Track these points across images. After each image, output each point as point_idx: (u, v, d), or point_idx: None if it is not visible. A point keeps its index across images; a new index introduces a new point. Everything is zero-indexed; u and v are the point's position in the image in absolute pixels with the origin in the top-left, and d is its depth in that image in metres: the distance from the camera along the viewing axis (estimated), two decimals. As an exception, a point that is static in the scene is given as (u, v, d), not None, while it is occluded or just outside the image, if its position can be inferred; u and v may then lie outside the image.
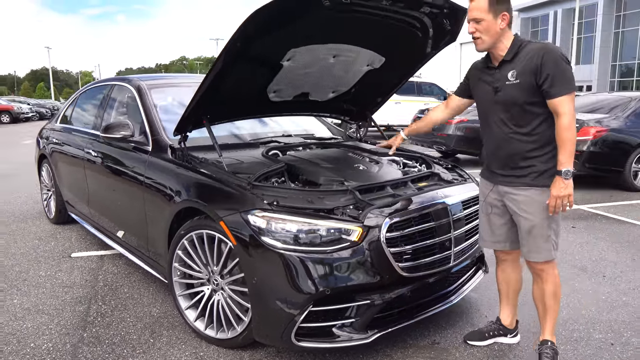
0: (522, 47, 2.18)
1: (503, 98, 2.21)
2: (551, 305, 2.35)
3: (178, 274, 2.65)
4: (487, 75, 2.31)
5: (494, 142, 2.32)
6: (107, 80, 4.27)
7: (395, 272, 2.22)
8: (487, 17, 2.15)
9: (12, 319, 2.85)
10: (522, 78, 2.14)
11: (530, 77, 2.12)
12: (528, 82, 2.13)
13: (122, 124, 3.20)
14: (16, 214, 5.36)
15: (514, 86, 2.17)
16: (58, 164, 4.51)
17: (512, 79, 2.17)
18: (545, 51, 2.10)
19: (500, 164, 2.31)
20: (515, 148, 2.23)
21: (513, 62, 2.18)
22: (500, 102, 2.23)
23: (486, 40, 2.19)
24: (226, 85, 2.61)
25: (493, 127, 2.30)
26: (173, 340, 2.60)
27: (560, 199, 2.10)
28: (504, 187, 2.32)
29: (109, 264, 3.78)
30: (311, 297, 2.09)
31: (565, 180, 2.08)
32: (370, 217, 2.19)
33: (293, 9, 2.23)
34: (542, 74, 2.08)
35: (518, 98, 2.16)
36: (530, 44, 2.18)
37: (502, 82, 2.20)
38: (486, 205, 2.44)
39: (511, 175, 2.28)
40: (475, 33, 2.19)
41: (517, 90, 2.16)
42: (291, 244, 2.14)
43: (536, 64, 2.09)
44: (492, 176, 2.38)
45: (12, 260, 3.85)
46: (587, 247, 4.20)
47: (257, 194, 2.30)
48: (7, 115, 25.59)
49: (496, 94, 2.23)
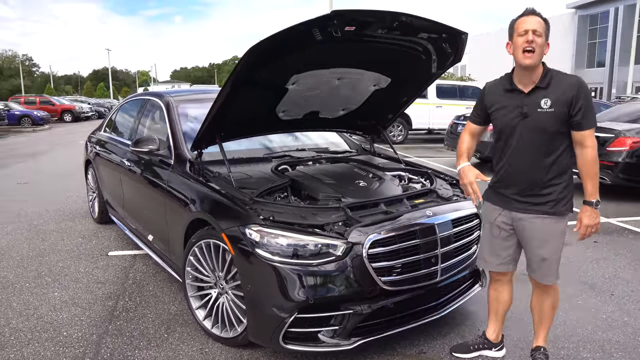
0: (553, 76, 2.23)
1: (532, 124, 2.22)
2: (550, 316, 2.52)
3: (190, 277, 2.95)
4: (512, 99, 2.29)
5: (514, 166, 2.32)
6: (144, 94, 4.68)
7: (377, 286, 2.41)
8: (543, 36, 2.18)
9: (52, 310, 3.26)
10: (557, 107, 2.18)
11: (564, 108, 2.18)
12: (562, 112, 2.18)
13: (150, 138, 3.55)
14: (66, 212, 5.92)
15: (547, 114, 2.20)
16: (100, 169, 4.97)
17: (546, 107, 2.20)
18: (579, 85, 2.18)
19: (518, 189, 2.33)
20: (537, 175, 2.27)
21: (547, 90, 2.21)
22: (529, 128, 2.23)
23: (536, 57, 2.17)
24: (235, 108, 2.87)
25: (516, 152, 2.29)
26: (184, 337, 2.90)
27: (590, 228, 2.26)
28: (517, 213, 2.35)
29: (140, 263, 4.16)
30: (297, 305, 2.32)
31: (595, 209, 2.24)
32: (354, 234, 2.39)
33: (289, 42, 2.45)
34: (576, 106, 2.16)
35: (549, 126, 2.19)
36: (561, 74, 2.24)
37: (533, 108, 2.22)
38: (493, 228, 2.47)
39: (527, 202, 2.32)
40: (532, 44, 2.14)
41: (550, 119, 2.19)
42: (281, 257, 2.37)
43: (571, 96, 2.16)
44: (503, 200, 2.40)
45: (57, 256, 4.32)
46: (603, 264, 4.17)
47: (257, 208, 2.54)
48: (69, 114, 27.44)
49: (524, 119, 2.24)
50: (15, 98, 28.72)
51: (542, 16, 2.20)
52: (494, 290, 2.65)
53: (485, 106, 2.43)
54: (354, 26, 2.49)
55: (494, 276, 2.62)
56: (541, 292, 2.50)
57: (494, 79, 2.46)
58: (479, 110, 2.49)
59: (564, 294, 3.50)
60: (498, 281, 2.62)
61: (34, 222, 5.46)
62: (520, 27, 2.19)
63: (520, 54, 2.17)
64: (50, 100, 28.31)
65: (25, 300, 3.41)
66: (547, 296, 2.49)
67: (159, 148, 3.51)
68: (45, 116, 23.67)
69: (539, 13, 2.20)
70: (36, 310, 3.25)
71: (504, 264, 2.51)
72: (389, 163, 3.81)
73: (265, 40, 2.37)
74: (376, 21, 2.51)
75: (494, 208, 2.45)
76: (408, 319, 2.60)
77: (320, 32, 2.39)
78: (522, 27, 2.18)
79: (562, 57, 32.85)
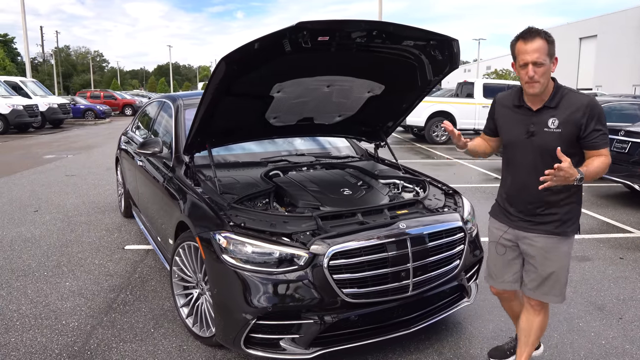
0: (564, 94, 2.14)
1: (538, 143, 2.15)
2: (538, 336, 2.46)
3: (176, 276, 3.08)
4: (519, 115, 2.22)
5: (518, 184, 2.27)
6: (163, 96, 4.89)
7: (339, 297, 2.41)
8: (546, 61, 2.05)
9: (59, 299, 3.51)
10: (564, 128, 2.10)
11: (573, 129, 2.09)
12: (570, 133, 2.09)
13: (154, 141, 3.72)
14: (100, 206, 6.31)
15: (554, 134, 2.11)
16: (124, 165, 5.26)
17: (553, 127, 2.12)
18: (592, 106, 2.08)
19: (522, 207, 2.28)
20: (541, 194, 2.17)
21: (556, 110, 2.12)
22: (535, 147, 2.16)
23: (542, 84, 2.09)
24: (221, 115, 2.95)
25: (520, 169, 2.25)
26: (168, 333, 3.04)
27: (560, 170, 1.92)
28: (521, 232, 2.30)
29: (151, 258, 4.38)
30: (257, 311, 2.37)
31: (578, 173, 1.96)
32: (317, 245, 2.40)
33: (260, 53, 2.49)
34: (588, 128, 2.07)
35: (555, 147, 1.99)
36: (572, 93, 2.15)
37: (540, 127, 2.14)
38: (498, 247, 2.42)
39: (531, 221, 2.26)
40: (535, 77, 2.05)
41: (557, 139, 2.09)
42: (245, 263, 2.43)
43: (582, 117, 2.07)
44: (508, 218, 2.35)
45: (79, 248, 4.63)
46: (622, 283, 3.90)
47: (230, 214, 2.61)
48: (130, 108, 29.03)
49: (530, 138, 2.17)
50: (82, 92, 30.74)
51: (544, 34, 2.04)
52: (505, 304, 2.64)
53: (494, 117, 2.39)
54: (327, 36, 2.49)
55: (501, 294, 2.56)
56: (534, 312, 2.40)
57: (506, 91, 2.38)
58: (490, 123, 2.44)
59: (566, 314, 3.34)
60: (506, 299, 2.59)
61: (69, 214, 5.87)
62: (520, 57, 2.07)
63: (524, 84, 2.11)
64: (113, 95, 30.11)
65: (39, 288, 3.69)
66: (539, 316, 2.41)
67: (161, 150, 3.67)
68: (107, 110, 25.19)
69: (540, 31, 2.05)
70: (45, 298, 3.51)
71: (510, 282, 2.44)
72: (388, 170, 3.76)
73: (234, 52, 2.42)
74: (348, 31, 2.50)
75: (499, 226, 2.41)
76: (374, 332, 2.58)
77: (289, 43, 2.41)
78: (521, 59, 2.07)
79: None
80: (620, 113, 8.61)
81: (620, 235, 5.23)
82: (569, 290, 3.75)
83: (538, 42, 2.02)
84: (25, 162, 10.09)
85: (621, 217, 5.96)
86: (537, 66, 2.04)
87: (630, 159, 6.32)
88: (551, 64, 2.08)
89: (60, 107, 19.34)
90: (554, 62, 2.10)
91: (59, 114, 19.29)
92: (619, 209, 6.38)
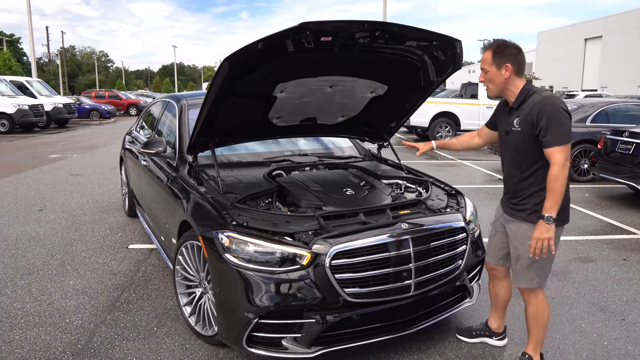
0: (528, 95, 2.35)
1: (510, 141, 2.46)
2: (533, 327, 2.59)
3: (179, 275, 3.10)
4: (504, 115, 2.54)
5: (505, 175, 2.60)
6: (167, 96, 4.91)
7: (341, 297, 2.41)
8: (491, 69, 2.39)
9: (63, 297, 3.54)
10: (523, 126, 2.35)
11: (529, 127, 2.31)
12: (528, 131, 2.32)
13: (158, 141, 3.74)
14: (104, 205, 6.34)
15: (517, 133, 2.39)
16: (128, 165, 5.29)
17: (517, 126, 2.38)
18: (542, 104, 2.26)
19: (507, 197, 2.60)
20: (517, 185, 2.48)
21: (519, 110, 2.38)
22: (509, 143, 2.47)
23: (492, 88, 2.45)
24: (224, 115, 2.97)
25: (505, 162, 2.58)
26: (171, 332, 3.05)
27: (541, 241, 2.28)
28: (507, 216, 2.60)
29: (154, 257, 4.40)
30: (258, 311, 2.38)
31: (547, 224, 2.26)
32: (319, 244, 2.41)
33: (263, 53, 2.50)
34: (538, 126, 2.26)
35: (520, 144, 2.38)
36: (535, 95, 2.32)
37: (510, 126, 2.44)
38: (492, 228, 2.77)
39: (511, 207, 2.55)
40: (484, 82, 2.46)
41: (520, 138, 2.38)
42: (247, 262, 2.44)
43: (534, 115, 2.28)
44: (503, 204, 2.65)
45: (83, 247, 4.66)
46: (626, 285, 3.89)
47: (233, 214, 2.63)
48: (135, 108, 29.13)
49: (507, 136, 2.48)
50: (87, 92, 30.89)
51: (494, 47, 2.37)
52: (492, 284, 2.89)
53: (495, 115, 2.70)
54: (330, 36, 2.50)
55: (490, 270, 2.84)
56: (525, 301, 2.61)
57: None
58: (492, 117, 2.74)
59: (569, 315, 3.33)
60: (494, 276, 2.85)
61: (73, 213, 5.91)
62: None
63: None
64: (118, 95, 30.24)
65: (44, 287, 3.71)
66: (528, 305, 2.58)
67: (165, 150, 3.69)
68: (111, 110, 25.30)
69: (492, 44, 2.40)
70: (50, 297, 3.54)
71: (495, 258, 2.76)
72: (391, 170, 3.77)
73: (238, 52, 2.44)
74: (351, 31, 2.51)
75: (499, 209, 2.71)
76: (376, 331, 2.58)
77: (292, 44, 2.42)
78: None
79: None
80: (626, 114, 8.58)
81: (624, 237, 5.21)
82: (571, 291, 3.75)
83: (486, 54, 2.40)
84: (31, 162, 10.15)
85: (625, 219, 5.94)
86: (484, 72, 2.43)
87: (635, 160, 6.29)
88: (499, 72, 2.37)
89: (65, 107, 19.44)
90: (505, 69, 2.35)
91: (64, 114, 19.39)
92: (622, 210, 6.36)
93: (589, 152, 8.09)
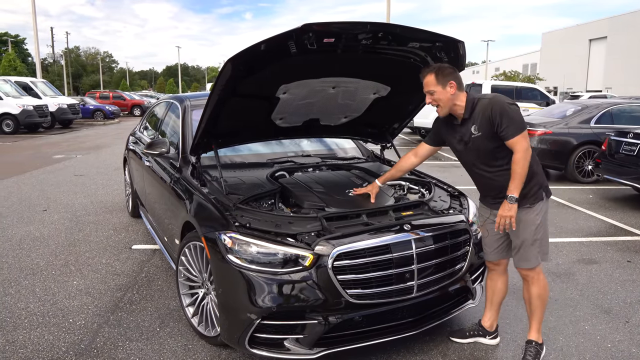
0: (475, 103, 2.55)
1: (473, 148, 2.60)
2: (537, 306, 2.70)
3: (182, 275, 3.10)
4: (453, 131, 2.69)
5: (480, 182, 2.73)
6: (171, 97, 4.93)
7: (343, 298, 2.41)
8: (437, 89, 2.55)
9: (66, 297, 3.55)
10: (483, 129, 2.52)
11: (488, 127, 2.50)
12: (488, 132, 2.51)
13: (161, 142, 3.75)
14: (107, 205, 6.37)
15: (479, 137, 2.55)
16: (132, 165, 5.31)
17: (476, 132, 2.55)
18: (492, 104, 2.48)
19: (491, 196, 2.71)
20: (497, 182, 2.62)
21: (472, 118, 2.56)
22: (473, 151, 2.62)
23: (443, 107, 2.60)
24: (227, 116, 2.97)
25: (475, 170, 2.70)
26: (174, 332, 3.06)
27: (504, 218, 2.50)
28: (497, 210, 2.65)
29: (157, 257, 4.41)
30: (260, 312, 2.39)
31: (510, 204, 2.48)
32: (321, 246, 2.41)
33: (266, 55, 2.51)
34: (495, 123, 2.47)
35: (486, 146, 2.55)
36: (482, 100, 2.54)
37: (469, 135, 2.59)
38: (483, 230, 2.86)
39: (500, 203, 2.61)
40: (433, 103, 2.60)
41: (483, 140, 2.54)
42: (250, 263, 2.44)
43: (489, 115, 2.47)
44: (489, 203, 2.77)
45: (87, 247, 4.68)
46: (630, 286, 3.87)
47: (236, 215, 2.63)
48: (139, 108, 29.23)
49: (467, 146, 2.63)
50: (92, 93, 31.01)
51: (435, 69, 2.55)
52: (490, 279, 2.94)
53: (437, 132, 2.84)
54: (332, 38, 2.50)
55: (490, 266, 2.91)
56: (525, 281, 2.72)
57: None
58: (432, 134, 2.90)
59: (573, 317, 3.32)
60: (493, 271, 2.91)
61: (77, 213, 5.93)
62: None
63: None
64: (122, 96, 30.35)
65: (47, 287, 3.73)
66: (531, 285, 2.69)
67: (168, 151, 3.70)
68: (115, 110, 25.38)
69: (428, 69, 2.57)
70: (53, 297, 3.55)
71: (495, 253, 2.82)
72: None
73: (241, 53, 2.44)
74: (353, 33, 2.51)
75: (485, 209, 2.80)
76: (378, 333, 2.58)
77: (295, 45, 2.43)
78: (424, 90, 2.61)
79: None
80: (630, 115, 8.54)
81: (628, 239, 5.19)
82: (575, 292, 3.74)
83: (427, 78, 2.56)
84: (35, 162, 10.20)
85: (629, 220, 5.91)
86: (431, 94, 2.57)
87: (639, 161, 6.26)
88: (445, 89, 2.53)
89: (69, 108, 19.52)
90: (450, 86, 2.53)
91: (69, 114, 19.47)
92: (627, 212, 6.33)
93: (593, 154, 8.06)
